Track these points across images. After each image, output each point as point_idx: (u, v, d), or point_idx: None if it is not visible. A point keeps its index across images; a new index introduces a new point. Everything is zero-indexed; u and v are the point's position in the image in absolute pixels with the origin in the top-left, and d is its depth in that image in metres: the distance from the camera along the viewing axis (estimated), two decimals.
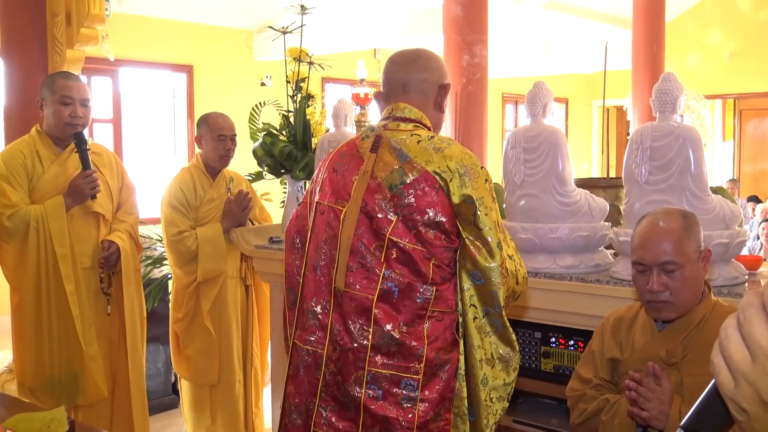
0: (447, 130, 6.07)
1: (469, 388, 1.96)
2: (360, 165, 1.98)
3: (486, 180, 1.94)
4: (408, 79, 2.07)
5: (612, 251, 2.74)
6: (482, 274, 1.89)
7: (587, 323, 2.54)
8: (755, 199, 9.67)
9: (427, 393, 1.90)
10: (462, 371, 1.96)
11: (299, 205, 2.19)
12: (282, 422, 2.11)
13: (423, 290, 1.89)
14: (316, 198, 2.06)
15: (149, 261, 4.53)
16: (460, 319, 1.96)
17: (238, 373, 3.68)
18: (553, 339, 2.75)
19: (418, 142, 1.96)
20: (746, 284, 2.39)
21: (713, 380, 0.72)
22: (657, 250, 1.90)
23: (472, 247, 1.89)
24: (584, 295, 2.52)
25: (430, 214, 1.88)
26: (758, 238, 7.30)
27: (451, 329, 1.95)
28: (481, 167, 1.95)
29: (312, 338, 1.98)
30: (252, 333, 3.80)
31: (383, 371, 1.89)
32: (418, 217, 1.88)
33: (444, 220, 1.89)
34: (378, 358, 1.89)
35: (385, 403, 1.88)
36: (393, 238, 1.89)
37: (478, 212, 1.89)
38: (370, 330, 1.89)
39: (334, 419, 1.93)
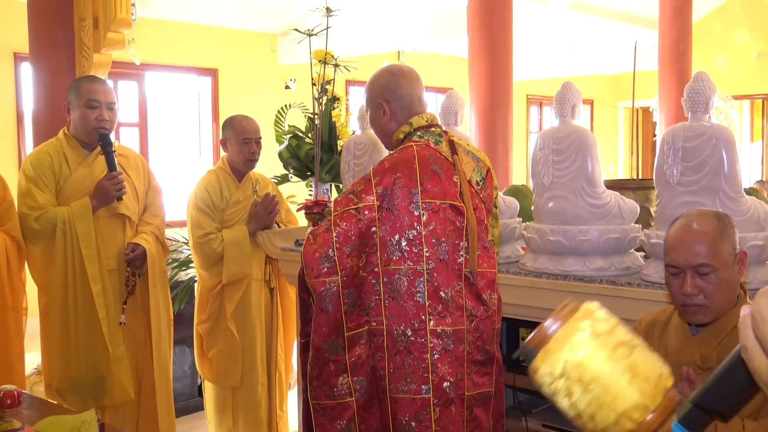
0: (472, 130, 6.04)
1: None
2: (449, 167, 2.24)
3: None
4: (420, 93, 2.39)
5: (642, 253, 2.69)
6: (495, 240, 2.41)
7: None
8: None
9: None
10: None
11: (354, 210, 2.15)
12: (436, 402, 2.14)
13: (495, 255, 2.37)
14: (417, 198, 2.17)
15: (175, 264, 4.54)
16: None
17: (262, 376, 3.67)
18: None
19: (468, 144, 2.39)
20: None
21: (729, 358, 0.69)
22: (691, 252, 1.86)
23: (490, 222, 2.38)
24: (615, 298, 2.47)
25: (494, 200, 2.39)
26: None
27: None
28: None
29: (456, 317, 2.19)
30: (276, 336, 3.79)
31: (496, 326, 2.30)
32: (490, 205, 2.36)
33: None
34: (497, 317, 2.30)
35: (495, 349, 2.30)
36: (485, 222, 2.32)
37: (498, 197, 2.47)
38: (495, 296, 2.29)
39: (475, 378, 2.23)
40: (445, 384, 2.13)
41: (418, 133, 2.28)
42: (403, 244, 2.14)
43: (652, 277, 2.42)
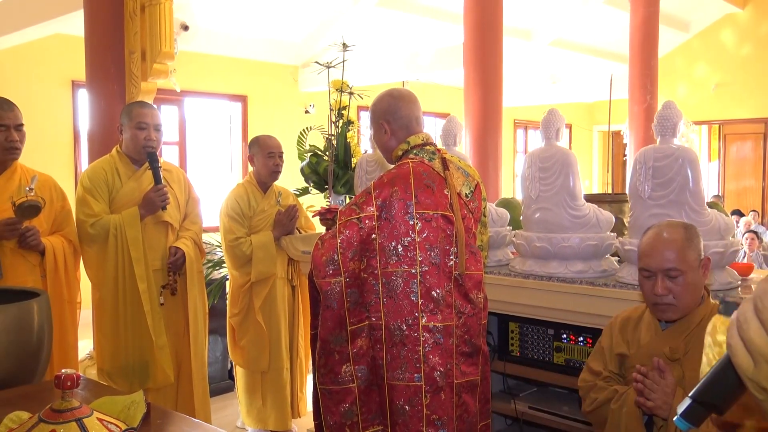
0: (466, 150, 6.03)
1: None
2: (441, 181, 2.19)
3: None
4: (418, 114, 2.31)
5: (617, 258, 2.68)
6: (483, 246, 2.36)
7: (595, 322, 2.48)
8: (738, 213, 9.50)
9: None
10: None
11: (356, 219, 2.13)
12: (427, 389, 2.10)
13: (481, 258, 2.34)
14: (411, 209, 2.12)
15: (210, 264, 4.53)
16: None
17: (286, 362, 3.66)
18: (565, 335, 2.69)
19: (459, 161, 2.31)
20: (739, 289, 2.32)
21: (722, 357, 0.69)
22: (661, 257, 1.85)
23: (478, 230, 2.32)
24: (593, 297, 2.46)
25: (482, 211, 2.33)
26: (741, 246, 7.13)
27: None
28: None
29: (446, 314, 2.15)
30: (298, 327, 3.78)
31: (482, 322, 2.27)
32: (478, 215, 2.31)
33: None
34: (483, 313, 2.27)
35: (482, 342, 2.28)
36: (473, 230, 2.27)
37: (487, 207, 2.39)
38: (482, 296, 2.26)
39: (463, 368, 2.21)
40: (436, 373, 2.11)
41: (414, 151, 2.24)
42: (400, 249, 2.11)
43: (625, 279, 2.41)
